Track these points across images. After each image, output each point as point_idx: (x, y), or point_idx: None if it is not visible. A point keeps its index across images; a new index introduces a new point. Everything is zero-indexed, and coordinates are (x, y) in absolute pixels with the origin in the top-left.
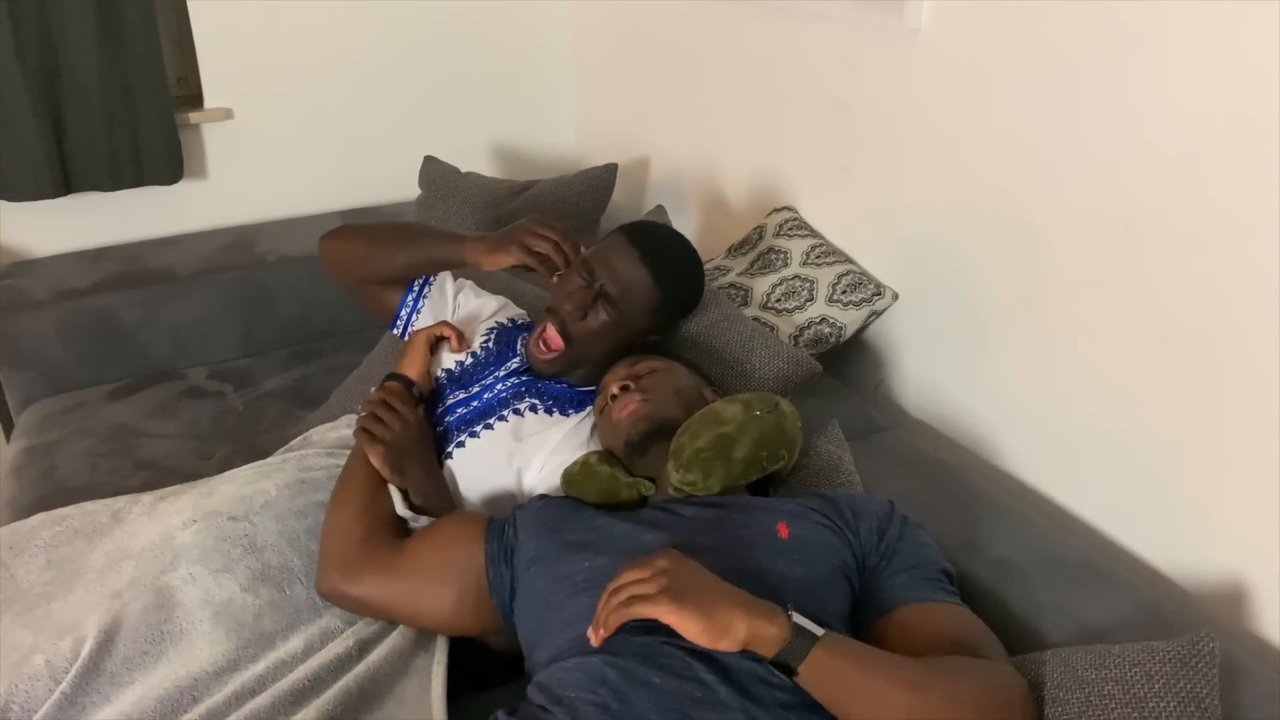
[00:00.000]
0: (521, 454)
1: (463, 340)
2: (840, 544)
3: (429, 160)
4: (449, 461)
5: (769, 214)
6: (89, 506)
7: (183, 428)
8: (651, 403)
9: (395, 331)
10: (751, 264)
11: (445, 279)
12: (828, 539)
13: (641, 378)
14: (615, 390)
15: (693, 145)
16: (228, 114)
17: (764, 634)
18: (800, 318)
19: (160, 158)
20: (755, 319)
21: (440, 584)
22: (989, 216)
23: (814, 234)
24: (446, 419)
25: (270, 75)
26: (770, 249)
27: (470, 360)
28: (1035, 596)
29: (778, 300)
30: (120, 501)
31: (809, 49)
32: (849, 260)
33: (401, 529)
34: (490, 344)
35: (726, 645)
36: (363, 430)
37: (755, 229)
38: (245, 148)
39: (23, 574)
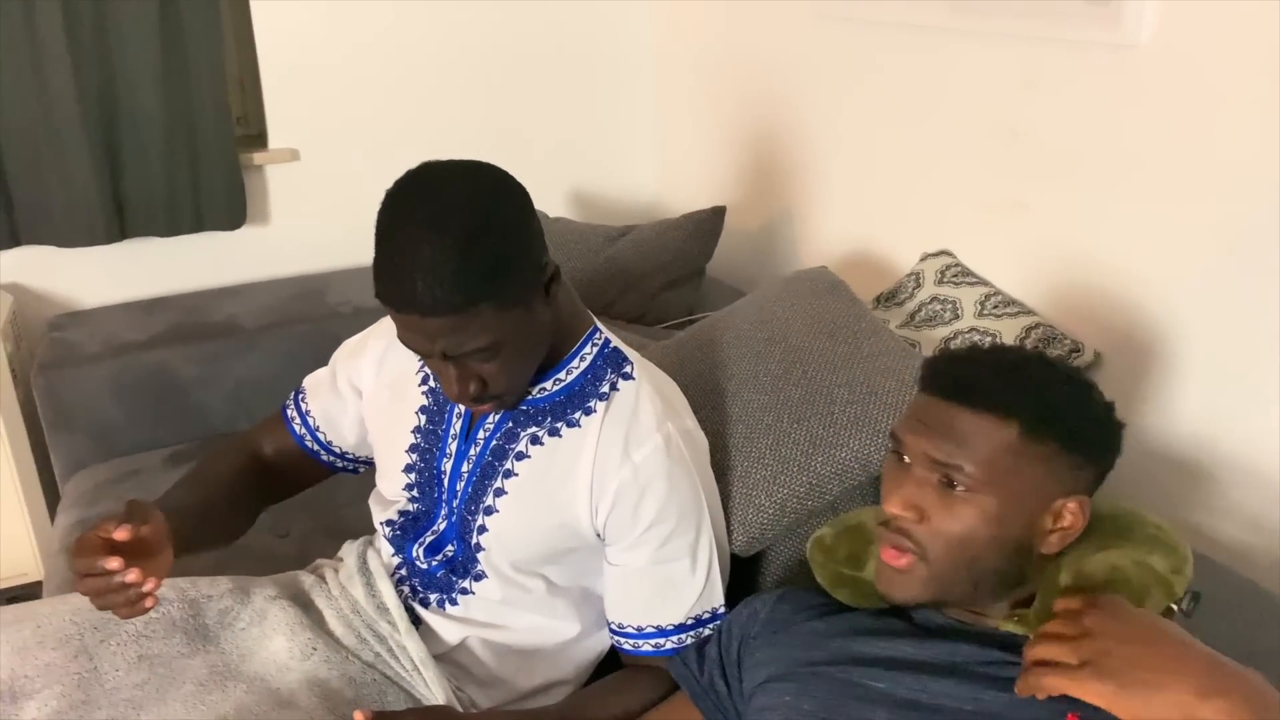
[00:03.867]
0: (558, 497)
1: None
2: None
3: None
4: (483, 538)
5: (922, 259)
6: (182, 584)
7: None
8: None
9: (334, 467)
10: (912, 316)
11: (313, 381)
12: None
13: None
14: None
15: (804, 184)
16: (294, 155)
17: None
18: None
19: (222, 201)
20: None
21: None
22: (1234, 262)
23: (983, 281)
24: (452, 503)
25: (338, 114)
26: (934, 299)
27: (425, 419)
28: None
29: None
30: (224, 596)
31: (969, 71)
32: (1032, 312)
33: None
34: (434, 380)
35: None
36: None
37: (910, 276)
38: (311, 191)
39: (109, 670)
